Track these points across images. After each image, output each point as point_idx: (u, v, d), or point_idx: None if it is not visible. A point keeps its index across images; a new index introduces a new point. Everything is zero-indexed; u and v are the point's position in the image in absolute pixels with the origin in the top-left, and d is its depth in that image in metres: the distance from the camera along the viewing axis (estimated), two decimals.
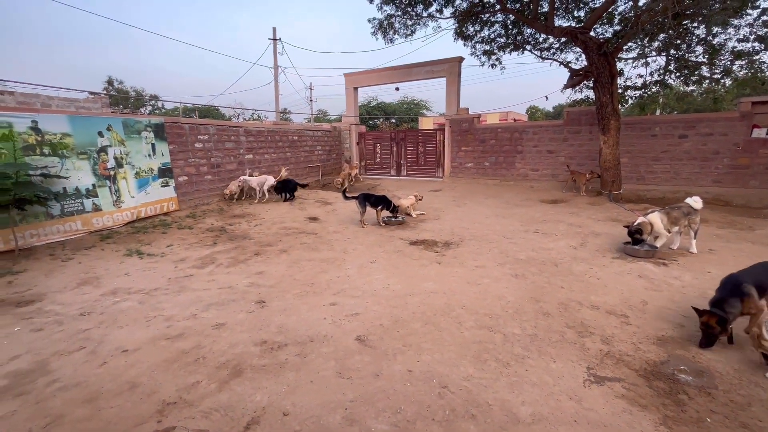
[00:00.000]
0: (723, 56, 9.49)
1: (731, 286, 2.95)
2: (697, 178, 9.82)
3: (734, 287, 2.91)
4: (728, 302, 2.84)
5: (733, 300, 2.84)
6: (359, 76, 15.65)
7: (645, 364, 2.82)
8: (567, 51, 11.48)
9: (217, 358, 2.96)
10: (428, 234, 6.68)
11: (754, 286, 2.87)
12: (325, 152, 14.69)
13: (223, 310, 3.82)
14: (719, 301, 2.89)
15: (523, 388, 2.58)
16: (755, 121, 9.15)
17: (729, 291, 2.91)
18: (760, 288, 2.91)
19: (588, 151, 11.05)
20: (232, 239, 6.52)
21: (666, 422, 2.24)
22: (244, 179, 9.76)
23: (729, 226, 6.83)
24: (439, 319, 3.56)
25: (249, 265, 5.19)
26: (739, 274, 3.04)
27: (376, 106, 28.81)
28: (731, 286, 2.94)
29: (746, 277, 2.97)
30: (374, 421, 2.27)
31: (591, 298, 3.97)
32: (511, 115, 33.13)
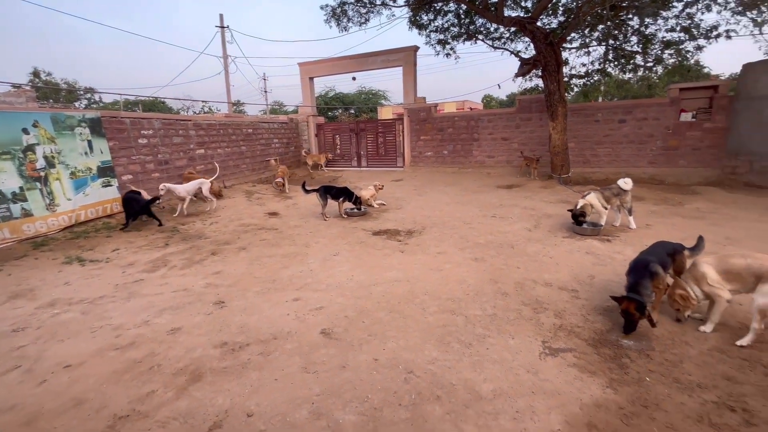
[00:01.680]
0: (654, 46, 10.25)
1: (641, 268, 3.08)
2: (635, 159, 10.63)
3: (644, 269, 3.07)
4: (642, 284, 2.97)
5: (645, 281, 3.00)
6: (314, 65, 15.26)
7: (593, 334, 3.04)
8: (517, 41, 11.87)
9: (174, 365, 2.81)
10: (391, 223, 6.72)
11: (659, 264, 3.12)
12: (283, 145, 14.26)
13: (178, 314, 3.63)
14: (634, 285, 3.00)
15: (484, 366, 2.69)
16: (682, 105, 10.03)
17: (640, 274, 3.05)
18: (663, 265, 3.17)
19: (539, 137, 11.58)
20: (185, 239, 6.18)
21: (611, 384, 2.44)
22: (166, 187, 7.33)
23: (663, 202, 7.48)
24: (404, 307, 3.61)
25: (205, 266, 4.96)
26: (645, 256, 3.22)
27: (334, 97, 28.30)
28: (641, 269, 3.08)
29: (651, 257, 3.18)
30: (342, 413, 2.27)
31: (544, 276, 4.20)
32: (468, 104, 33.90)
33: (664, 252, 3.32)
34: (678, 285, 3.08)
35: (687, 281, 3.05)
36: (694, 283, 3.01)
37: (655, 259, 3.14)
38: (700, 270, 2.98)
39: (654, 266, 3.08)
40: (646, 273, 3.04)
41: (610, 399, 2.31)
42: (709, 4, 8.87)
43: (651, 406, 2.24)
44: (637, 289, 2.96)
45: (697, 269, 3.02)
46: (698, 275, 2.98)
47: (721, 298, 2.88)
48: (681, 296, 3.01)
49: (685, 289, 3.01)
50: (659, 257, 3.21)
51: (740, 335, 2.86)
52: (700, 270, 2.97)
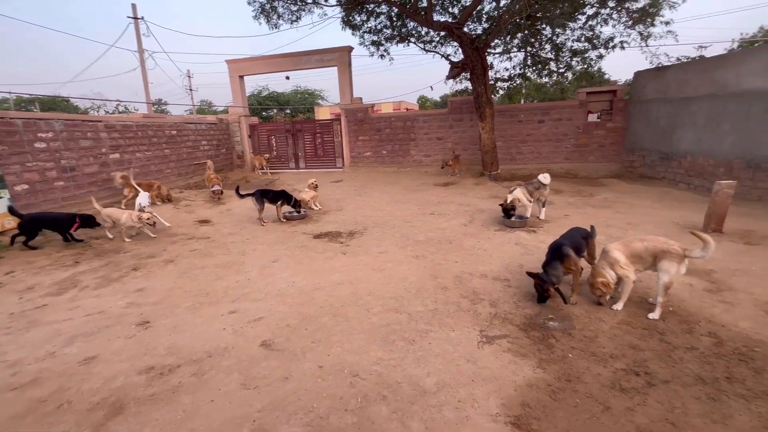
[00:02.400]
0: (564, 53, 11.40)
1: (554, 250, 3.45)
2: (554, 156, 11.74)
3: (557, 251, 3.43)
4: (551, 265, 3.35)
5: (555, 263, 3.37)
6: (245, 63, 14.52)
7: (524, 319, 3.29)
8: (447, 45, 12.41)
9: (89, 399, 2.48)
10: (332, 225, 6.64)
11: (572, 248, 3.47)
12: (213, 147, 13.37)
13: (92, 340, 3.21)
14: (545, 265, 3.41)
15: (428, 360, 2.77)
16: (589, 108, 11.29)
17: (552, 255, 3.42)
18: (578, 248, 3.53)
19: (471, 137, 12.25)
20: (100, 255, 5.51)
21: (541, 364, 2.66)
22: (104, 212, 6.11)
23: (577, 194, 8.35)
24: (347, 310, 3.58)
25: (125, 283, 4.46)
26: (560, 239, 3.59)
27: (267, 96, 27.19)
28: (554, 251, 3.44)
29: (566, 240, 3.54)
30: (286, 426, 2.18)
31: (480, 268, 4.45)
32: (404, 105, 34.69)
33: (579, 236, 3.70)
34: (598, 274, 3.31)
35: (603, 267, 3.33)
36: (609, 268, 3.30)
37: (567, 243, 3.50)
38: (612, 256, 3.30)
39: (565, 249, 3.44)
40: (557, 255, 3.41)
41: (540, 378, 2.52)
42: (606, 19, 10.09)
43: (573, 379, 2.49)
44: (546, 269, 3.37)
45: (609, 255, 3.32)
46: (611, 260, 3.29)
47: (629, 278, 3.26)
48: (603, 284, 3.26)
49: (606, 277, 3.28)
50: (573, 241, 3.58)
51: (643, 308, 3.30)
52: (613, 255, 3.30)
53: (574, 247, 3.50)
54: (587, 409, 2.23)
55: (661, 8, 9.02)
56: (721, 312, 3.25)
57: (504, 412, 2.24)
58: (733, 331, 2.95)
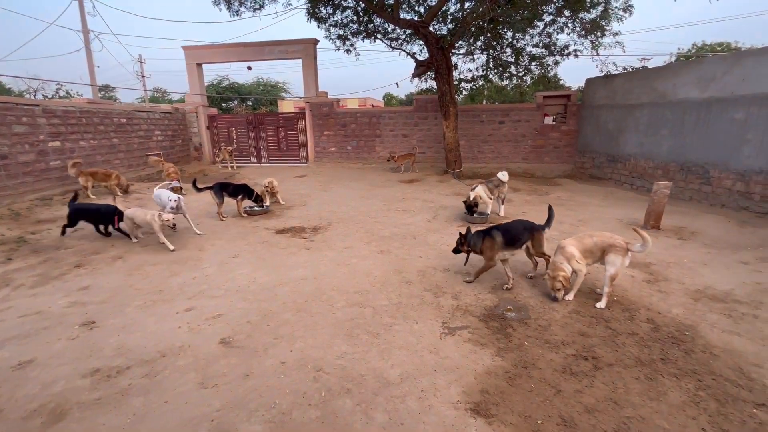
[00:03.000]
0: (524, 58, 11.90)
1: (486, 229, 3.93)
2: (513, 156, 12.25)
3: (487, 230, 3.90)
4: (478, 236, 3.88)
5: (476, 236, 3.89)
6: (203, 51, 13.80)
7: (484, 310, 3.41)
8: (413, 43, 12.52)
9: (24, 406, 2.27)
10: (296, 221, 6.51)
11: (501, 233, 3.81)
12: (168, 138, 12.62)
13: (28, 343, 2.94)
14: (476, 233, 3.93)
15: (392, 353, 2.80)
16: (546, 110, 11.88)
17: (483, 232, 3.91)
18: (513, 237, 3.83)
19: (435, 135, 12.47)
20: (37, 251, 5.04)
21: (499, 353, 2.78)
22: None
23: (534, 192, 8.77)
24: (311, 305, 3.53)
25: (67, 281, 4.12)
26: (498, 225, 4.02)
27: (228, 87, 26.01)
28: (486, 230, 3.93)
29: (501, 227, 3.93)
30: (246, 425, 2.12)
31: (443, 263, 4.55)
32: (369, 101, 34.67)
33: (521, 227, 3.94)
34: (558, 268, 3.40)
35: (561, 262, 3.45)
36: (566, 263, 3.44)
37: (499, 230, 3.86)
38: (568, 251, 3.46)
39: (493, 232, 3.85)
40: (482, 233, 3.89)
41: (498, 365, 2.63)
42: (563, 27, 10.65)
43: (529, 366, 2.62)
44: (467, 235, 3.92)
45: (566, 250, 3.47)
46: (568, 255, 3.45)
47: (582, 272, 3.47)
48: (564, 278, 3.36)
49: (566, 271, 3.39)
50: (513, 230, 3.89)
51: (591, 298, 3.54)
52: (569, 251, 3.46)
53: (508, 235, 3.81)
54: (541, 392, 2.36)
55: (610, 20, 9.65)
56: (658, 300, 3.56)
57: (465, 399, 2.32)
58: (667, 318, 3.24)
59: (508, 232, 3.83)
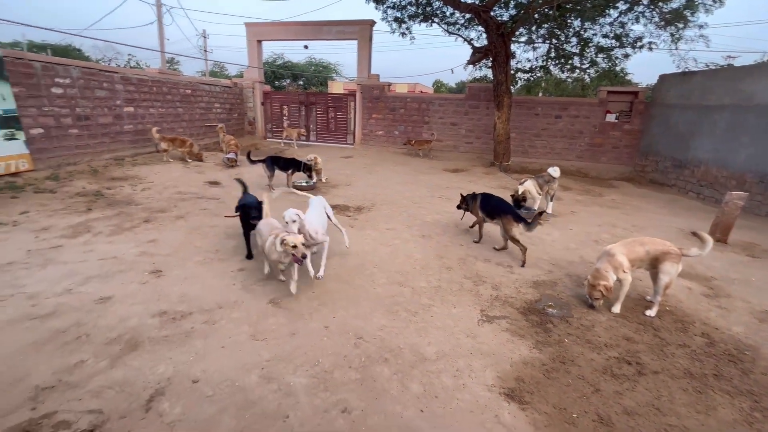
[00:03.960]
0: (590, 49, 11.15)
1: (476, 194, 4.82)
2: (567, 153, 11.66)
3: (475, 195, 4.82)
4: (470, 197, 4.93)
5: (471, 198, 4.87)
6: (263, 27, 14.24)
7: (524, 303, 3.38)
8: (471, 28, 12.13)
9: (105, 335, 2.61)
10: (341, 199, 6.70)
11: (482, 202, 4.62)
12: (225, 111, 13.29)
13: (107, 282, 3.34)
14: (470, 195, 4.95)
15: (429, 332, 2.88)
16: (609, 107, 11.13)
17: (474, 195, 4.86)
18: (490, 211, 4.52)
19: (485, 126, 12.13)
20: (112, 205, 5.60)
21: (537, 345, 2.76)
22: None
23: (586, 193, 8.35)
24: (354, 279, 3.68)
25: (137, 233, 4.57)
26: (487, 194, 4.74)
27: (282, 65, 26.73)
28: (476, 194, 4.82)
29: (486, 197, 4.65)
30: (293, 376, 2.31)
31: (484, 253, 4.53)
32: (419, 87, 34.13)
33: (499, 207, 4.45)
34: (602, 277, 3.16)
35: (606, 270, 3.20)
36: (613, 272, 3.20)
37: (484, 198, 4.65)
38: (618, 260, 3.21)
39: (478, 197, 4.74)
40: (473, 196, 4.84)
41: (535, 357, 2.63)
42: (638, 16, 9.82)
43: (568, 362, 2.59)
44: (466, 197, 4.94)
45: (615, 259, 3.22)
46: (617, 264, 3.21)
47: (627, 281, 3.24)
48: (605, 287, 3.13)
49: (609, 281, 3.16)
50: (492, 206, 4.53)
51: (641, 305, 3.39)
52: (618, 260, 3.21)
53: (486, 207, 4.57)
54: (578, 389, 2.34)
55: (696, 10, 8.76)
56: (717, 316, 3.34)
57: (499, 384, 2.35)
58: (726, 334, 3.04)
59: (487, 205, 4.57)
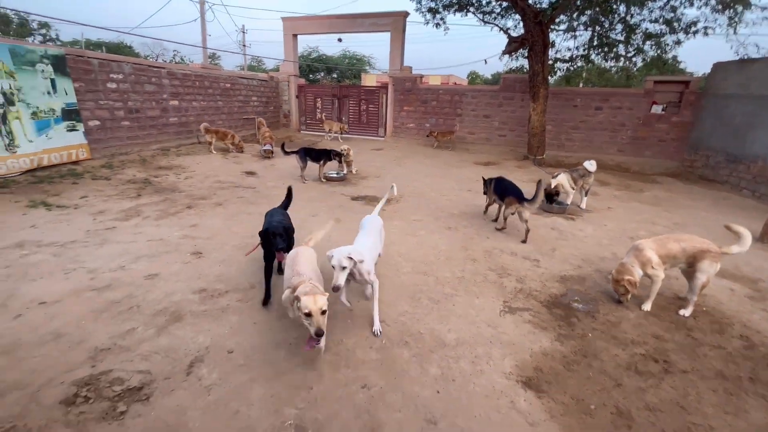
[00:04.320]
0: (636, 36, 10.49)
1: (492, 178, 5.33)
2: (606, 146, 11.12)
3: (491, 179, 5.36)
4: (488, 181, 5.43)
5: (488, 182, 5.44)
6: (299, 21, 14.55)
7: (549, 297, 3.36)
8: (507, 17, 11.76)
9: (153, 307, 2.89)
10: (370, 191, 6.82)
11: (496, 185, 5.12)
12: (262, 104, 13.78)
13: (154, 261, 3.65)
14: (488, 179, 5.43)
15: (450, 319, 2.94)
16: (655, 98, 10.47)
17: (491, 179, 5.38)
18: (501, 193, 4.97)
19: (519, 118, 11.80)
20: (158, 192, 6.04)
21: (559, 338, 2.75)
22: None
23: (625, 188, 7.96)
24: (379, 266, 3.78)
25: (181, 218, 4.92)
26: (501, 178, 5.21)
27: (316, 59, 27.18)
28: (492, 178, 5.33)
29: (500, 181, 5.13)
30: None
31: (510, 246, 4.49)
32: (453, 79, 33.54)
33: (508, 189, 4.86)
34: (626, 271, 3.12)
35: (632, 265, 3.14)
36: (640, 267, 3.12)
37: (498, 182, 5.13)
38: (646, 255, 3.12)
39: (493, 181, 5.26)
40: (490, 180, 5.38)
41: (557, 349, 2.63)
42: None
43: (590, 356, 2.57)
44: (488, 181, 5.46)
45: (643, 254, 3.13)
46: (644, 260, 3.12)
47: (658, 278, 3.11)
48: (630, 282, 3.07)
49: (634, 275, 3.10)
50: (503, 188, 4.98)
51: (675, 304, 3.26)
52: (646, 255, 3.11)
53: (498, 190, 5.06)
54: (599, 382, 2.33)
55: None
56: (760, 319, 3.15)
57: (517, 372, 2.38)
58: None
59: (499, 187, 5.01)
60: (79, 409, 1.95)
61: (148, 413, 1.96)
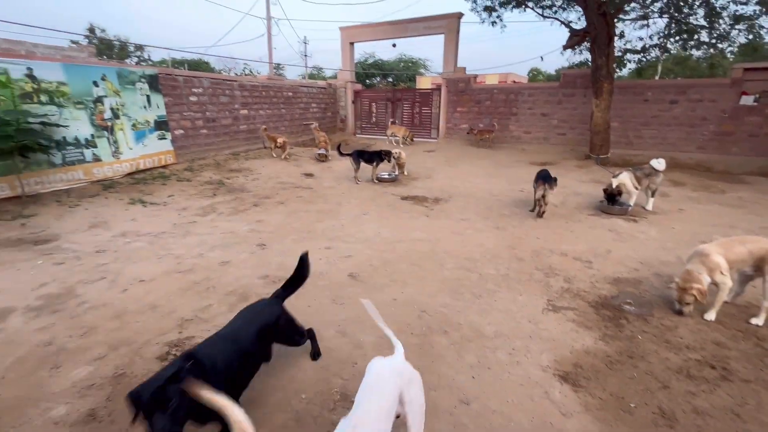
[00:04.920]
0: (723, 20, 9.40)
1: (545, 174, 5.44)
2: (683, 144, 10.10)
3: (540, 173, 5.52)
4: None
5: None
6: (355, 30, 15.17)
7: (597, 298, 3.27)
8: (569, 10, 11.20)
9: (225, 288, 3.35)
10: (419, 191, 6.99)
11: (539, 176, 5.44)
12: (321, 110, 14.59)
13: (227, 251, 4.18)
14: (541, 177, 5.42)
15: (490, 314, 3.02)
16: (745, 87, 9.30)
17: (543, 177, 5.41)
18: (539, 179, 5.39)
19: (581, 115, 11.16)
20: (230, 191, 6.78)
21: (604, 338, 2.70)
22: None
23: (703, 189, 7.22)
24: (424, 262, 3.96)
25: (248, 215, 5.51)
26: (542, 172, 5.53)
27: (373, 64, 27.95)
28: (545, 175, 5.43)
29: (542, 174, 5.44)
30: (362, 334, 2.70)
31: (562, 247, 4.38)
32: (511, 77, 32.33)
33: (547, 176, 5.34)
34: (694, 279, 2.85)
35: (700, 272, 2.88)
36: (708, 274, 2.87)
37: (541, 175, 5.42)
38: (713, 260, 2.87)
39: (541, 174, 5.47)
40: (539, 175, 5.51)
41: (600, 349, 2.59)
42: None
43: (636, 357, 2.50)
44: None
45: (710, 259, 2.88)
46: (712, 265, 2.87)
47: (726, 285, 2.86)
48: (700, 291, 2.82)
49: (702, 284, 2.82)
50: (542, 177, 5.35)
51: (745, 312, 3.01)
52: (714, 260, 2.87)
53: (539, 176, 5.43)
54: (643, 382, 2.27)
55: None
56: None
57: (555, 366, 2.41)
58: None
59: (539, 177, 5.41)
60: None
61: None
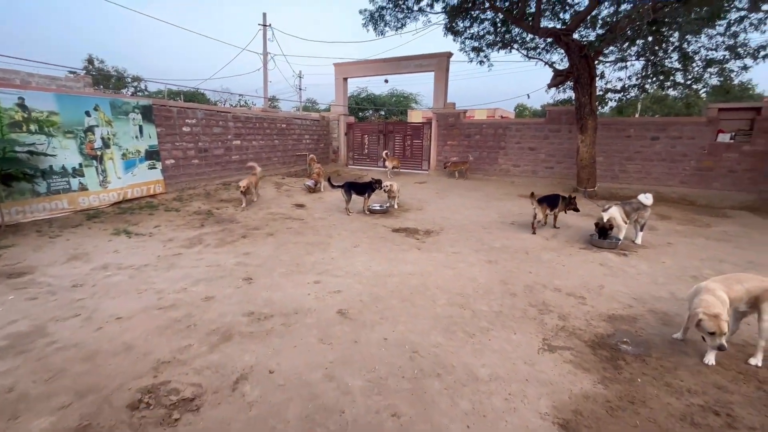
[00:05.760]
0: (696, 63, 9.98)
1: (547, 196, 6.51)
2: (666, 178, 10.40)
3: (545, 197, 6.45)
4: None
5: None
6: (349, 66, 15.71)
7: (594, 337, 3.18)
8: (552, 51, 11.82)
9: (208, 326, 3.18)
10: (411, 223, 6.97)
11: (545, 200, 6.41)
12: (313, 141, 14.78)
13: (211, 285, 4.03)
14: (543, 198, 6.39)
15: (484, 354, 2.90)
16: (721, 126, 9.74)
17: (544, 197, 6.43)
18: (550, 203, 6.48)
19: (567, 150, 11.50)
20: (219, 222, 6.67)
21: (603, 381, 2.60)
22: None
23: (689, 222, 7.35)
24: (415, 297, 3.85)
25: (236, 246, 5.38)
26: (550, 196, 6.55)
27: (365, 98, 28.82)
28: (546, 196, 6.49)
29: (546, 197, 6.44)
30: (351, 378, 2.55)
31: (554, 281, 4.33)
32: (499, 112, 33.56)
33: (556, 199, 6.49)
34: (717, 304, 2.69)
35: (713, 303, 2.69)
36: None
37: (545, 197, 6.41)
38: (719, 295, 2.77)
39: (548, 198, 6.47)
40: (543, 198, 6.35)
41: (599, 393, 2.48)
42: (757, 23, 8.60)
43: (638, 402, 2.40)
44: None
45: (716, 294, 2.78)
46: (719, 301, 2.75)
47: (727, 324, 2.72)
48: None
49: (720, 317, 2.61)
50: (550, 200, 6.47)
51: (744, 352, 2.94)
52: (722, 296, 2.77)
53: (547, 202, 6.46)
54: (647, 431, 2.16)
55: None
56: None
57: (554, 413, 2.29)
58: None
59: (543, 200, 6.32)
60: (141, 413, 2.20)
61: (197, 423, 2.16)
